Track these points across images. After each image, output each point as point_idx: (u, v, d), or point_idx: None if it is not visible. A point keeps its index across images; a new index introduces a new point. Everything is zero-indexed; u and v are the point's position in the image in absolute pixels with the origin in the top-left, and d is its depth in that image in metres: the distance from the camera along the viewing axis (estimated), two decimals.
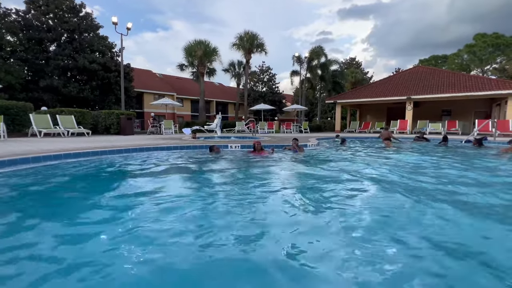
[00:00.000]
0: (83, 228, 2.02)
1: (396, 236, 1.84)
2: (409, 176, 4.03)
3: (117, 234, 1.87)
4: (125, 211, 2.40)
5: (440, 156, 6.73)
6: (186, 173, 4.45)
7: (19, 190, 3.05)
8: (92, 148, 5.87)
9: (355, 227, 2.06)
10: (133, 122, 14.75)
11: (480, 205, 2.60)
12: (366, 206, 2.62)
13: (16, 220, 2.14)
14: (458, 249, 1.69)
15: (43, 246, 1.69)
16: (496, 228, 2.08)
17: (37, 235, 1.85)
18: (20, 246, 1.68)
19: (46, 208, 2.56)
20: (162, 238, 1.81)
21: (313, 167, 5.02)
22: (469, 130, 15.99)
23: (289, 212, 2.38)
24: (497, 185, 3.51)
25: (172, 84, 35.09)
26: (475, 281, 1.36)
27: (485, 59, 34.42)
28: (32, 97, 19.23)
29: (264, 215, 2.35)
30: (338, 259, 1.56)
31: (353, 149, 8.54)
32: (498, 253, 1.64)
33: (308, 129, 21.01)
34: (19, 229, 1.97)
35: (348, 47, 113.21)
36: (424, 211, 2.37)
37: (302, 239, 1.84)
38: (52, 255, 1.58)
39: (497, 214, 2.37)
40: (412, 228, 2.04)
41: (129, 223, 2.10)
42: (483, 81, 17.37)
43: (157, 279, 1.35)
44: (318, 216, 2.36)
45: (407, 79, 21.34)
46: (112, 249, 1.66)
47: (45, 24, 20.47)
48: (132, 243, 1.73)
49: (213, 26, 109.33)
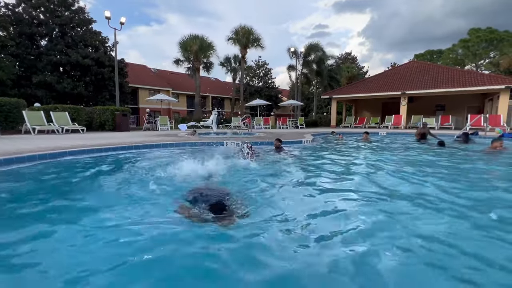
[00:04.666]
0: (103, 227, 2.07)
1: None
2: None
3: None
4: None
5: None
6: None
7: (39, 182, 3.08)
8: (96, 145, 5.87)
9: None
10: (128, 119, 14.67)
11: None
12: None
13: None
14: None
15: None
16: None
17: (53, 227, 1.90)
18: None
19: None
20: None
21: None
22: (462, 125, 16.22)
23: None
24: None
25: (167, 79, 34.78)
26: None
27: (479, 54, 34.75)
28: (24, 93, 18.94)
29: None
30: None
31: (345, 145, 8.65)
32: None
33: (304, 124, 21.10)
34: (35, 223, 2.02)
35: (345, 41, 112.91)
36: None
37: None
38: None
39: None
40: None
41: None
42: (476, 76, 17.58)
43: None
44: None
45: (402, 74, 21.48)
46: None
47: (36, 18, 20.05)
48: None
49: (208, 19, 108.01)
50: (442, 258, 1.62)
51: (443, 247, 1.75)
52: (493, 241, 1.86)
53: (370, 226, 2.07)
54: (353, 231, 1.97)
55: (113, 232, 1.95)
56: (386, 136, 12.52)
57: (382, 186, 3.26)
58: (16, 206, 2.55)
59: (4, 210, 2.44)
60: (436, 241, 1.82)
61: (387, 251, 1.68)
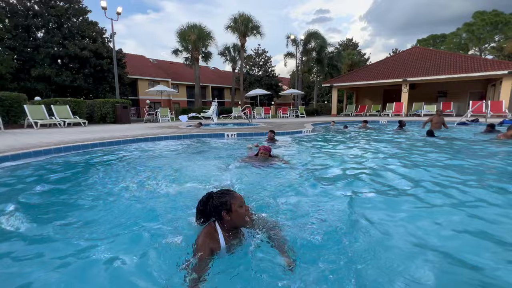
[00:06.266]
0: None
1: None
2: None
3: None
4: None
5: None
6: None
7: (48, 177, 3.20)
8: (99, 139, 5.96)
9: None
10: (129, 111, 14.71)
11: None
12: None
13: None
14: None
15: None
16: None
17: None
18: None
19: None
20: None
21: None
22: (464, 111, 16.12)
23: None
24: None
25: (166, 69, 34.45)
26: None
27: (483, 38, 34.00)
28: (24, 86, 18.91)
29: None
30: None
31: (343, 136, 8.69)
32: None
33: (304, 113, 21.06)
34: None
35: (346, 26, 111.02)
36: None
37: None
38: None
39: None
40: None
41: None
42: (479, 62, 17.31)
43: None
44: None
45: (403, 61, 21.17)
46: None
47: (31, 9, 19.72)
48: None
49: (205, 6, 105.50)
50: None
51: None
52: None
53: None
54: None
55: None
56: (388, 124, 12.50)
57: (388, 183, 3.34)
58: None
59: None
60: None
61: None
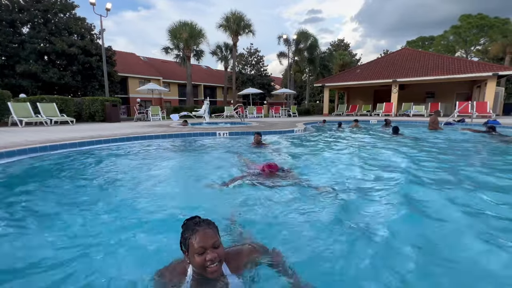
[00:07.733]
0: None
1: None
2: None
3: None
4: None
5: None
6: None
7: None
8: (88, 137, 5.82)
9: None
10: (119, 109, 14.43)
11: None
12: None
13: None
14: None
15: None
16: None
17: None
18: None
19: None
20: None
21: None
22: (451, 111, 16.55)
23: None
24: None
25: (158, 67, 33.99)
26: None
27: (469, 41, 34.97)
28: (8, 83, 18.29)
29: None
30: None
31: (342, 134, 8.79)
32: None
33: (296, 113, 21.16)
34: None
35: (338, 27, 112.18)
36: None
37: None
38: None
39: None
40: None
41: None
42: (466, 64, 17.80)
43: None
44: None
45: (393, 62, 21.55)
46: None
47: (16, 3, 19.08)
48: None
49: (198, 4, 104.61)
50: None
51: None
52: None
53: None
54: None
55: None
56: (377, 124, 12.69)
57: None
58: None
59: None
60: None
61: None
